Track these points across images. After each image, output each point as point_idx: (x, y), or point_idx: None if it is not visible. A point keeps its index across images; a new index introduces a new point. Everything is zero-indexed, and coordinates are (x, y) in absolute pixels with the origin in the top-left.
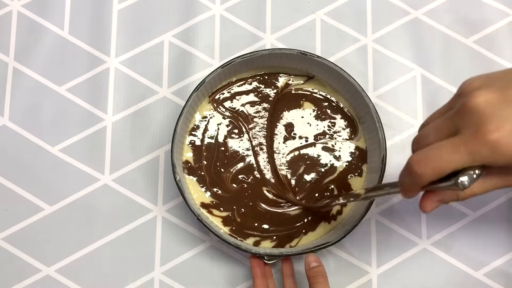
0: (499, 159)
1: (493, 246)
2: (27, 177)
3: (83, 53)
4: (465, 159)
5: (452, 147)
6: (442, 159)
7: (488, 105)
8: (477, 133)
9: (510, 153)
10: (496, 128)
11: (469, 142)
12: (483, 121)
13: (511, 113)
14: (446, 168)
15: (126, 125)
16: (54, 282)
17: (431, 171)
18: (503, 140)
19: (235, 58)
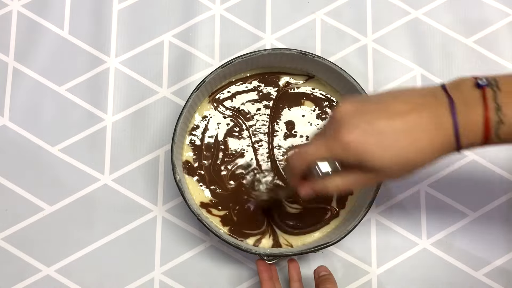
0: (349, 157)
1: (493, 246)
2: (27, 177)
3: (83, 53)
4: (324, 153)
5: (317, 144)
6: (307, 152)
7: (345, 114)
8: (334, 135)
9: (357, 152)
10: (347, 132)
11: (328, 141)
12: (340, 126)
13: (361, 122)
14: (310, 159)
15: (126, 125)
16: (54, 282)
17: (300, 161)
18: (352, 141)
19: (235, 58)
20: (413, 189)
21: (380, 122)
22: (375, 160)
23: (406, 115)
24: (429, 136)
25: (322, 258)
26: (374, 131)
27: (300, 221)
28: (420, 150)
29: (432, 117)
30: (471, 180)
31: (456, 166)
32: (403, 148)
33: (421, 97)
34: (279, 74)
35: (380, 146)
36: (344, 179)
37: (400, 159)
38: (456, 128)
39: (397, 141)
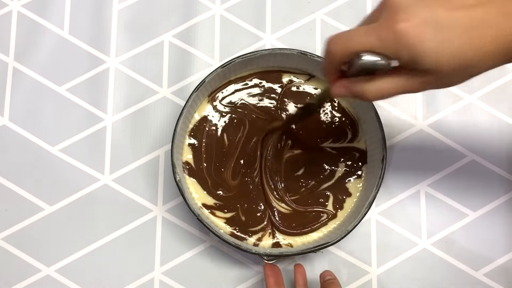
0: (401, 49)
1: (493, 246)
2: (27, 177)
3: (83, 53)
4: (374, 42)
5: (365, 30)
6: (353, 39)
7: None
8: (388, 22)
9: (412, 44)
10: (404, 19)
11: (379, 29)
12: (395, 12)
13: (421, 10)
14: (355, 47)
15: (126, 125)
16: (54, 282)
17: (342, 48)
18: (408, 31)
19: (235, 58)
20: (413, 189)
21: (443, 12)
22: (430, 57)
23: (472, 8)
24: (495, 34)
25: (322, 258)
26: (435, 22)
27: (295, 221)
28: (481, 50)
29: (500, 13)
30: (471, 180)
31: (456, 166)
32: (463, 46)
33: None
34: (280, 73)
35: (438, 41)
36: (389, 82)
37: (457, 59)
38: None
39: (458, 36)
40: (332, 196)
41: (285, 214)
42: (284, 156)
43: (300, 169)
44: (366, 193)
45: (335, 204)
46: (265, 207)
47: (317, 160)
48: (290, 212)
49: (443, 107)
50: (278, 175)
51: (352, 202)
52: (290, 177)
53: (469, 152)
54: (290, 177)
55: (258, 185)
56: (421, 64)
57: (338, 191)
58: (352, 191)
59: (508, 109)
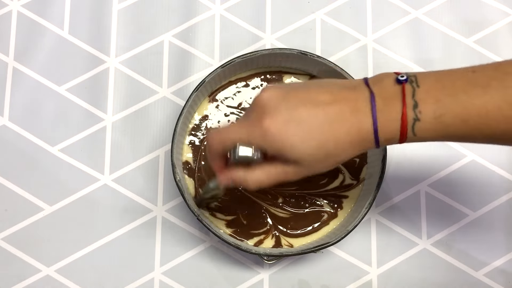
0: (268, 144)
1: (493, 246)
2: (27, 177)
3: (83, 53)
4: (244, 136)
5: (238, 125)
6: (227, 133)
7: (270, 99)
8: (256, 119)
9: (276, 140)
10: (270, 118)
11: (250, 125)
12: (263, 112)
13: (285, 110)
14: (229, 141)
15: (126, 125)
16: (54, 282)
17: (218, 140)
18: (272, 129)
19: (235, 58)
20: (413, 189)
21: (303, 110)
22: (293, 151)
23: (328, 106)
24: (349, 128)
25: (322, 258)
26: (296, 119)
27: (296, 224)
28: (339, 142)
29: (352, 110)
30: (471, 180)
31: (456, 166)
32: (322, 139)
33: (344, 89)
34: (281, 73)
35: (300, 136)
36: (265, 172)
37: (319, 150)
38: (375, 123)
39: (317, 132)
40: (332, 198)
41: (285, 218)
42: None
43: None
44: (366, 193)
45: (334, 205)
46: (266, 212)
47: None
48: (290, 215)
49: None
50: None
51: (352, 202)
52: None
53: (469, 152)
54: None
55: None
56: (287, 156)
57: (338, 194)
58: (352, 192)
59: None
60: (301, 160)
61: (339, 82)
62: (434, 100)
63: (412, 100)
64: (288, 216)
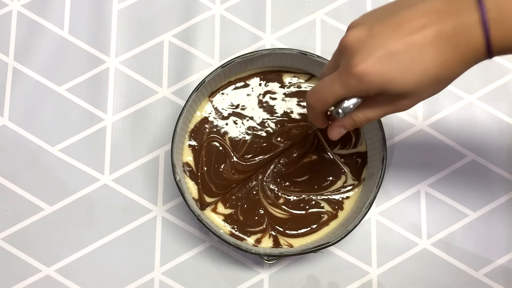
0: (367, 88)
1: (493, 246)
2: (27, 177)
3: (83, 53)
4: (341, 90)
5: (331, 80)
6: (324, 90)
7: (356, 41)
8: (347, 67)
9: (374, 81)
10: (360, 61)
11: (342, 75)
12: (351, 56)
13: (374, 47)
14: (328, 98)
15: (126, 125)
16: (54, 282)
17: (318, 101)
18: (366, 70)
19: (235, 58)
20: (413, 189)
21: (397, 42)
22: (399, 86)
23: (425, 29)
24: (456, 46)
25: (322, 258)
26: (391, 54)
27: (295, 225)
28: (446, 63)
29: (457, 24)
30: (471, 180)
31: (456, 166)
32: (426, 65)
33: (443, 1)
34: (280, 73)
35: (401, 70)
36: (374, 110)
37: (423, 77)
38: (486, 34)
39: (417, 59)
40: (334, 199)
41: (284, 219)
42: (303, 160)
43: (304, 176)
44: (366, 193)
45: (335, 206)
46: (264, 211)
47: (323, 170)
48: (289, 216)
49: (443, 107)
50: (278, 182)
51: (352, 203)
52: (291, 184)
53: (469, 152)
54: (291, 185)
55: (256, 190)
56: (393, 92)
57: (340, 195)
58: (352, 193)
59: (508, 109)
60: (409, 92)
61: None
62: None
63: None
64: (287, 217)
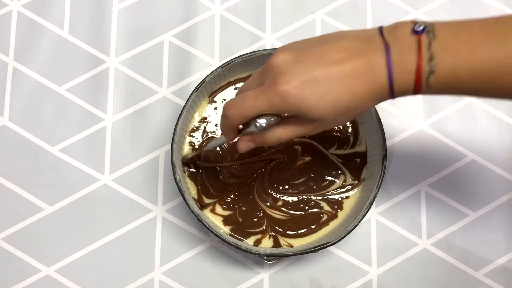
0: (288, 107)
1: (493, 246)
2: (27, 177)
3: (83, 53)
4: (263, 105)
5: (255, 94)
6: (246, 104)
7: (283, 63)
8: (273, 85)
9: (295, 102)
10: (286, 81)
11: (266, 92)
12: (278, 75)
13: (299, 71)
14: (249, 111)
15: (126, 125)
16: (54, 282)
17: (237, 113)
18: (291, 91)
19: (235, 58)
20: (413, 189)
21: (318, 70)
22: (313, 110)
23: (343, 63)
24: (365, 83)
25: (322, 258)
26: (312, 80)
27: (294, 225)
28: (356, 96)
29: (367, 64)
30: (471, 180)
31: (456, 166)
32: (340, 96)
33: (358, 42)
34: None
35: (318, 95)
36: (285, 130)
37: (337, 106)
38: (390, 76)
39: (334, 89)
40: (333, 199)
41: (283, 220)
42: (296, 164)
43: (301, 178)
44: (366, 193)
45: (335, 206)
46: (263, 213)
47: (321, 170)
48: (288, 217)
49: (443, 107)
50: (275, 187)
51: (352, 203)
52: (290, 187)
53: (469, 152)
54: (290, 187)
55: (252, 194)
56: (308, 116)
57: (339, 195)
58: (352, 193)
59: (508, 109)
60: (320, 118)
61: (352, 34)
62: (450, 53)
63: (428, 53)
64: (286, 218)
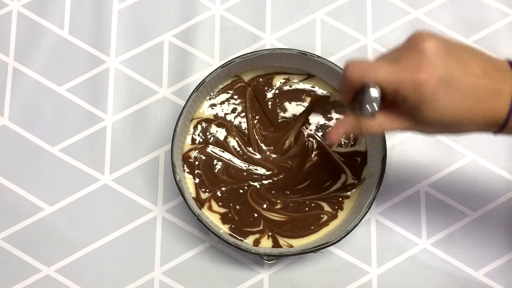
0: (413, 95)
1: (493, 246)
2: (27, 177)
3: (83, 53)
4: (393, 78)
5: (389, 66)
6: (373, 69)
7: (434, 51)
8: (413, 68)
9: (426, 96)
10: (429, 72)
11: (402, 70)
12: (423, 62)
13: (443, 66)
14: (373, 77)
15: (126, 125)
16: (54, 282)
17: (360, 75)
18: (428, 84)
19: (235, 58)
20: (413, 189)
21: (459, 76)
22: (435, 109)
23: (479, 80)
24: (486, 107)
25: (322, 258)
26: (450, 82)
27: (294, 226)
28: (474, 117)
29: (495, 92)
30: (471, 180)
31: (456, 166)
32: (462, 110)
33: (494, 68)
34: (280, 74)
35: (447, 99)
36: (391, 120)
37: (454, 118)
38: (510, 111)
39: (461, 101)
40: (334, 200)
41: (281, 221)
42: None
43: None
44: (366, 193)
45: (335, 206)
46: (258, 215)
47: (323, 172)
48: (287, 219)
49: None
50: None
51: (352, 203)
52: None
53: (469, 152)
54: (291, 192)
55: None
56: (425, 111)
57: (340, 195)
58: (353, 193)
59: None
60: (431, 121)
61: (488, 58)
62: None
63: None
64: (285, 219)
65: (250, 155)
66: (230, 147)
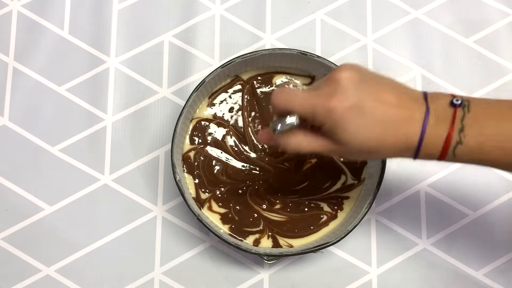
0: (327, 121)
1: (493, 246)
2: (27, 177)
3: (83, 53)
4: (308, 106)
5: (307, 94)
6: (295, 98)
7: (347, 80)
8: (327, 95)
9: (336, 120)
10: (339, 100)
11: (317, 97)
12: (336, 90)
13: (354, 96)
14: (293, 105)
15: (126, 125)
16: (54, 282)
17: (284, 102)
18: (339, 109)
19: (235, 58)
20: (413, 189)
21: (370, 103)
22: (347, 135)
23: (391, 108)
24: (399, 134)
25: (322, 258)
26: (361, 109)
27: (293, 226)
28: (386, 142)
29: (408, 119)
30: (471, 180)
31: (456, 166)
32: (374, 136)
33: (408, 97)
34: (279, 74)
35: (359, 125)
36: (308, 140)
37: (367, 143)
38: (421, 137)
39: (373, 127)
40: (333, 200)
41: (281, 222)
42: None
43: (303, 183)
44: (366, 193)
45: (335, 206)
46: (258, 215)
47: (323, 172)
48: (287, 219)
49: None
50: (272, 194)
51: (352, 203)
52: (290, 192)
53: None
54: (291, 193)
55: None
56: (339, 137)
57: (339, 196)
58: (352, 193)
59: None
60: (348, 145)
61: (403, 88)
62: (479, 126)
63: (460, 124)
64: (285, 219)
65: (247, 154)
66: (228, 147)
